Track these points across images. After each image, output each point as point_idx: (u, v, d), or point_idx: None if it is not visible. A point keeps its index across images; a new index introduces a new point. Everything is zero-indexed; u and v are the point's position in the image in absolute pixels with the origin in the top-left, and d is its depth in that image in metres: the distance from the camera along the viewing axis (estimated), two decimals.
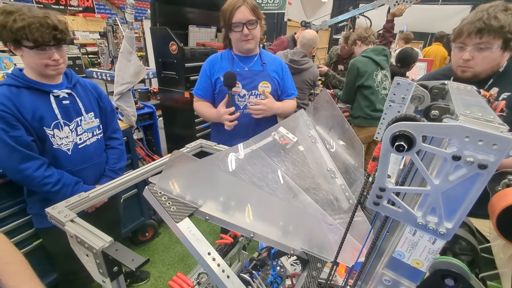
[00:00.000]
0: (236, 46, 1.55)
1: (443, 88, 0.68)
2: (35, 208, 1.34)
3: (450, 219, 0.42)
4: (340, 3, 10.93)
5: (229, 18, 1.42)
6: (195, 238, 0.59)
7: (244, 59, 1.58)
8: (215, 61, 1.60)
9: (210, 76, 1.58)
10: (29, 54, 1.12)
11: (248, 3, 1.42)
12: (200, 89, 1.63)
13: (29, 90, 1.18)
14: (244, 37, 1.45)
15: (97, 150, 1.43)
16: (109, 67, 4.42)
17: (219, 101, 1.61)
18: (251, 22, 1.43)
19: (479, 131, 0.36)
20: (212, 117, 1.59)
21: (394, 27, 2.88)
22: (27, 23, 1.05)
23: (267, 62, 1.61)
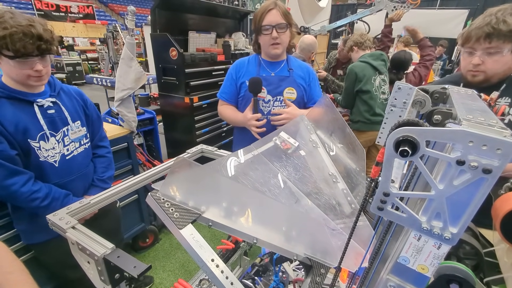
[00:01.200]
0: (265, 50, 1.55)
1: (444, 92, 0.68)
2: (22, 224, 1.27)
3: (455, 224, 0.41)
4: (338, 9, 11.06)
5: (260, 21, 1.43)
6: (198, 244, 0.59)
7: (271, 65, 1.57)
8: (242, 65, 1.60)
9: (236, 80, 1.58)
10: (8, 64, 1.04)
11: (280, 7, 1.43)
12: (225, 93, 1.63)
13: (10, 100, 1.10)
14: (272, 40, 1.45)
15: (85, 160, 1.36)
16: (109, 73, 4.45)
17: (242, 105, 1.61)
18: (281, 26, 1.43)
19: (483, 135, 0.36)
20: (238, 121, 1.57)
21: (392, 32, 2.91)
22: (8, 32, 0.97)
23: (294, 68, 1.59)
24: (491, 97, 0.72)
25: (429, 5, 10.01)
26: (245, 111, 1.52)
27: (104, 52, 4.63)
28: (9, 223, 1.39)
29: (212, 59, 2.90)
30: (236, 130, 1.76)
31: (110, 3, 20.46)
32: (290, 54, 1.69)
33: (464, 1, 10.96)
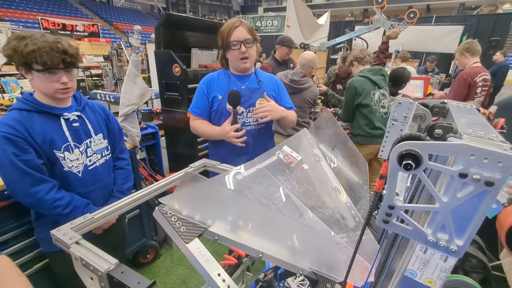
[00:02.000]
0: (233, 65, 1.60)
1: (444, 107, 0.70)
2: (43, 232, 1.32)
3: (461, 236, 0.42)
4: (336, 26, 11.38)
5: (227, 37, 1.48)
6: (205, 259, 0.59)
7: (241, 78, 1.62)
8: (212, 80, 1.63)
9: (208, 95, 1.61)
10: (38, 77, 1.14)
11: (245, 24, 1.50)
12: (197, 107, 1.64)
13: (40, 113, 1.20)
14: (241, 54, 1.50)
15: (106, 171, 1.43)
16: (112, 88, 4.52)
17: (215, 119, 1.63)
18: (248, 41, 1.49)
19: (484, 149, 0.37)
20: (215, 134, 1.59)
21: (388, 48, 2.99)
22: (37, 47, 1.08)
23: (263, 79, 1.65)
24: (490, 111, 0.74)
25: (424, 22, 10.32)
26: (223, 124, 1.54)
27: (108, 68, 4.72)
28: (28, 231, 1.47)
29: None
30: (211, 144, 1.77)
31: (115, 22, 21.12)
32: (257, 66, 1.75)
33: (458, 18, 11.30)
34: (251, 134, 1.61)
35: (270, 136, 1.78)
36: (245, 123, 1.60)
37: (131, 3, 26.90)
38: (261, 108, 1.53)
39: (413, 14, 2.98)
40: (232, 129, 1.51)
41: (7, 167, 1.12)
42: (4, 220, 1.42)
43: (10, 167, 1.12)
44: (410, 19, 2.97)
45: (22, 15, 15.72)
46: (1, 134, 1.10)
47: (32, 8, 16.97)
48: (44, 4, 18.37)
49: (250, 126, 1.62)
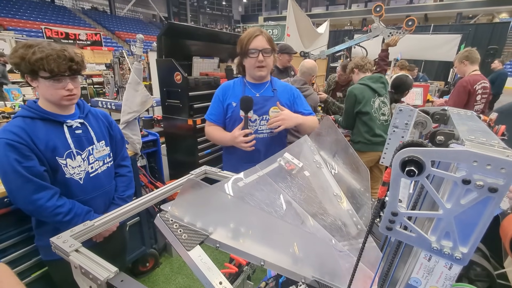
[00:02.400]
0: (249, 73, 1.62)
1: (444, 114, 0.71)
2: (44, 239, 1.31)
3: (465, 243, 0.42)
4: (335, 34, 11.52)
5: (246, 45, 1.51)
6: (206, 266, 0.58)
7: (256, 86, 1.64)
8: (228, 87, 1.66)
9: (223, 102, 1.64)
10: (44, 84, 1.16)
11: (265, 33, 1.53)
12: (212, 114, 1.68)
13: (43, 121, 1.21)
14: (258, 63, 1.52)
15: (108, 178, 1.43)
16: (114, 96, 4.56)
17: (229, 126, 1.65)
18: (266, 50, 1.52)
19: (486, 155, 0.37)
20: (226, 140, 1.61)
21: (388, 56, 3.02)
22: (45, 55, 1.10)
23: (278, 88, 1.66)
24: (490, 117, 0.74)
25: (422, 31, 10.46)
26: (234, 130, 1.56)
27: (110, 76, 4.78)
28: (27, 239, 1.45)
29: (215, 82, 2.99)
30: (224, 150, 1.79)
31: (117, 31, 21.43)
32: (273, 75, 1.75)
33: (456, 27, 11.45)
34: (263, 142, 1.61)
35: (282, 145, 1.77)
36: (257, 131, 1.61)
37: (133, 13, 27.36)
38: (274, 117, 1.53)
39: (411, 22, 3.02)
40: (240, 134, 1.51)
41: (10, 174, 1.12)
42: (3, 228, 1.40)
43: (12, 174, 1.12)
44: (409, 26, 3.01)
45: (26, 25, 15.97)
46: (4, 141, 1.11)
47: (36, 18, 17.26)
48: (48, 14, 18.69)
49: (262, 134, 1.62)
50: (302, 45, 5.30)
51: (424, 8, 22.83)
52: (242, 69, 1.65)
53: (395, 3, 25.01)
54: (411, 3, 24.00)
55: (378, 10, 3.13)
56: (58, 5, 21.15)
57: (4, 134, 1.12)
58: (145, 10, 28.18)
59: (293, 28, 5.31)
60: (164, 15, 28.53)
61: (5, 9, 16.63)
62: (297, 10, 5.40)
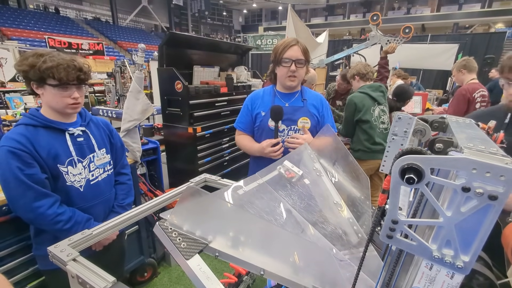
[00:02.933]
0: (281, 81, 1.61)
1: (443, 121, 0.71)
2: (42, 249, 1.29)
3: (467, 251, 0.41)
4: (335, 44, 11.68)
5: (281, 53, 1.51)
6: (205, 276, 0.57)
7: (286, 96, 1.63)
8: (257, 96, 1.67)
9: (252, 111, 1.65)
10: (51, 92, 1.18)
11: (300, 44, 1.52)
12: (241, 123, 1.69)
13: (45, 128, 1.22)
14: (290, 72, 1.52)
15: (107, 186, 1.43)
16: (115, 104, 4.58)
17: (258, 135, 1.65)
18: (301, 61, 1.51)
19: (485, 163, 0.37)
20: (254, 150, 1.61)
21: (388, 63, 3.05)
22: (55, 64, 1.14)
23: (308, 98, 1.65)
24: (489, 125, 0.74)
25: (420, 40, 10.61)
26: (262, 142, 1.55)
27: (111, 85, 4.81)
28: (25, 248, 1.45)
29: (215, 91, 3.01)
30: (252, 158, 1.79)
31: (119, 40, 21.73)
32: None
33: (453, 36, 11.62)
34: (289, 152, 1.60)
35: None
36: (284, 141, 1.59)
37: (135, 23, 27.81)
38: (295, 140, 1.53)
39: (408, 29, 3.07)
40: (268, 145, 1.51)
41: (11, 181, 1.12)
42: (1, 236, 1.39)
43: (13, 181, 1.12)
44: (406, 34, 3.06)
45: (29, 34, 16.20)
46: (6, 148, 1.12)
47: (39, 28, 17.53)
48: (52, 24, 18.98)
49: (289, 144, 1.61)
50: None
51: (421, 19, 23.23)
52: (273, 77, 1.65)
53: (393, 13, 25.48)
54: (408, 13, 24.44)
55: (375, 19, 3.19)
56: (62, 16, 21.51)
57: (6, 141, 1.13)
58: (147, 20, 28.67)
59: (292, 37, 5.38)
60: (166, 25, 29.00)
61: (9, 19, 16.92)
62: (296, 20, 5.49)
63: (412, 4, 24.87)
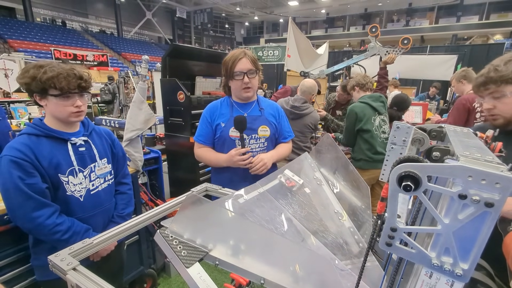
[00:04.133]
0: (236, 94, 1.64)
1: (441, 131, 0.72)
2: (40, 259, 1.28)
3: (465, 259, 0.41)
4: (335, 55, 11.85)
5: (231, 68, 1.54)
6: (205, 284, 0.57)
7: (243, 106, 1.66)
8: (215, 108, 1.68)
9: (211, 123, 1.65)
10: (54, 102, 1.20)
11: (248, 55, 1.56)
12: (201, 135, 1.68)
13: (48, 138, 1.23)
14: (244, 85, 1.55)
15: (108, 196, 1.43)
16: (118, 115, 4.64)
17: (218, 146, 1.66)
18: (251, 72, 1.55)
19: (481, 170, 0.38)
20: (222, 161, 1.61)
21: (387, 73, 3.09)
22: (56, 73, 1.16)
23: (265, 107, 1.69)
24: (487, 135, 0.75)
25: (419, 51, 10.75)
26: (230, 151, 1.56)
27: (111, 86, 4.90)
28: (24, 258, 1.43)
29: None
30: (214, 170, 1.79)
31: (123, 52, 22.15)
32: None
33: (452, 48, 11.76)
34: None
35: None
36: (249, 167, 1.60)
37: (139, 35, 28.40)
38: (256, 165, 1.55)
39: (406, 40, 3.12)
40: (237, 153, 1.52)
41: (11, 191, 1.13)
42: (1, 246, 1.39)
43: (14, 191, 1.13)
44: (404, 45, 3.11)
45: (36, 46, 16.56)
46: (8, 158, 1.12)
47: (46, 40, 17.93)
48: (58, 36, 19.42)
49: (252, 153, 1.63)
50: (302, 65, 5.45)
51: (420, 30, 23.59)
52: (228, 90, 1.68)
53: (392, 25, 25.90)
54: (407, 25, 24.84)
55: (373, 30, 3.25)
56: (68, 28, 22.04)
57: (9, 151, 1.14)
58: (151, 32, 29.29)
59: (293, 49, 5.47)
60: (169, 37, 29.60)
61: (17, 31, 17.34)
62: (297, 32, 5.59)
63: (410, 17, 25.31)
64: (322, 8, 26.86)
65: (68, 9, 23.02)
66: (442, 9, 23.51)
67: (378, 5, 25.40)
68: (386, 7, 25.70)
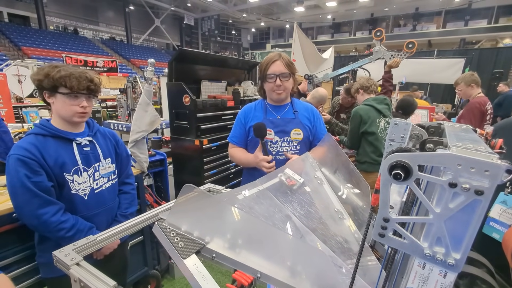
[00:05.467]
0: (269, 96, 1.66)
1: (439, 127, 0.72)
2: (45, 256, 1.32)
3: (457, 249, 0.41)
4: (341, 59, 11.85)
5: (265, 70, 1.57)
6: (201, 275, 0.58)
7: (277, 108, 1.67)
8: (249, 110, 1.71)
9: (245, 124, 1.68)
10: (61, 100, 1.24)
11: (283, 58, 1.57)
12: (235, 136, 1.72)
13: (54, 138, 1.27)
14: (276, 87, 1.57)
15: (111, 195, 1.46)
16: (125, 119, 4.72)
17: (251, 147, 1.68)
18: (284, 75, 1.56)
19: (469, 158, 0.38)
20: (249, 161, 1.63)
21: (392, 77, 3.08)
22: (69, 73, 1.21)
23: (299, 110, 1.68)
24: (487, 131, 0.74)
25: (427, 55, 10.66)
26: (256, 151, 1.57)
27: (123, 100, 5.00)
28: (30, 257, 1.46)
29: (222, 104, 3.08)
30: (245, 171, 1.80)
31: (132, 58, 22.62)
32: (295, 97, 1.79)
33: (460, 51, 11.63)
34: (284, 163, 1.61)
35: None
36: (279, 152, 1.62)
37: (148, 42, 28.99)
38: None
39: (411, 44, 3.11)
40: (264, 159, 1.53)
41: (18, 188, 1.17)
42: (9, 244, 1.42)
43: (20, 189, 1.16)
44: (409, 49, 3.10)
45: (48, 53, 17.07)
46: (16, 157, 1.17)
47: (58, 47, 18.47)
48: (69, 44, 19.99)
49: (284, 156, 1.63)
50: (308, 69, 5.47)
51: (427, 35, 23.39)
52: (263, 92, 1.69)
53: (399, 30, 25.77)
54: (414, 30, 24.68)
55: (378, 34, 3.26)
56: (79, 36, 22.67)
57: (16, 150, 1.19)
58: (160, 39, 29.85)
59: (298, 54, 5.51)
60: (177, 44, 30.12)
61: (30, 39, 17.93)
62: (302, 36, 5.64)
63: (417, 21, 25.14)
64: (328, 13, 26.94)
65: (80, 17, 23.70)
66: (450, 13, 23.29)
67: (384, 10, 25.34)
68: (392, 12, 25.62)
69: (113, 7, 25.08)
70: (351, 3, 24.00)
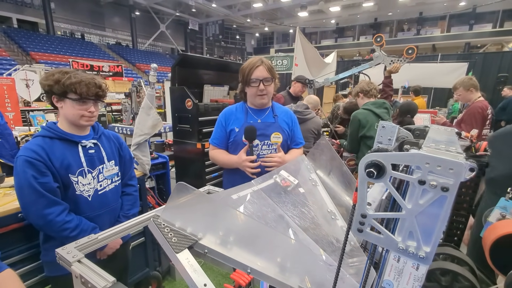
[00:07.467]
0: (251, 100, 1.70)
1: (424, 130, 0.75)
2: (50, 255, 1.35)
3: (428, 242, 0.44)
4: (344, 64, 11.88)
5: (248, 75, 1.60)
6: (192, 269, 0.61)
7: (258, 112, 1.71)
8: (230, 113, 1.74)
9: (226, 127, 1.71)
10: (70, 105, 1.30)
11: (265, 63, 1.61)
12: (216, 138, 1.75)
13: (60, 140, 1.32)
14: (259, 92, 1.60)
15: (114, 196, 1.51)
16: (130, 122, 4.80)
17: (232, 149, 1.71)
18: (267, 79, 1.60)
19: (436, 157, 0.41)
20: (232, 162, 1.66)
21: (392, 82, 3.11)
22: (79, 80, 1.27)
23: (279, 114, 1.73)
24: (471, 134, 0.77)
25: (431, 60, 10.65)
26: (240, 153, 1.60)
27: (128, 104, 5.09)
28: (35, 255, 1.51)
29: (224, 108, 3.13)
30: (225, 172, 1.83)
31: (137, 63, 22.95)
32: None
33: (464, 56, 11.59)
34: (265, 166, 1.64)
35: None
36: (259, 155, 1.65)
37: (153, 47, 29.42)
38: (271, 159, 1.59)
39: (411, 50, 3.14)
40: (248, 160, 1.56)
41: (25, 189, 1.21)
42: (14, 242, 1.47)
43: (27, 189, 1.21)
44: (409, 54, 3.13)
45: (56, 58, 17.43)
46: (23, 158, 1.22)
47: (65, 52, 18.85)
48: (76, 49, 20.39)
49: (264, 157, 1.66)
50: (310, 74, 5.52)
51: (432, 39, 23.34)
52: (244, 96, 1.73)
53: (403, 34, 25.77)
54: (418, 34, 24.65)
55: (378, 40, 3.29)
56: (86, 41, 23.13)
57: (24, 151, 1.24)
58: (164, 44, 30.29)
59: (300, 58, 5.56)
60: (182, 49, 30.51)
61: (38, 44, 18.35)
62: (304, 41, 5.69)
63: (421, 26, 25.13)
64: (332, 18, 27.08)
65: (87, 22, 24.20)
66: (454, 17, 23.25)
67: (388, 14, 25.40)
68: (396, 17, 25.66)
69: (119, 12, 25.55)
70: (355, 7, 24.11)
